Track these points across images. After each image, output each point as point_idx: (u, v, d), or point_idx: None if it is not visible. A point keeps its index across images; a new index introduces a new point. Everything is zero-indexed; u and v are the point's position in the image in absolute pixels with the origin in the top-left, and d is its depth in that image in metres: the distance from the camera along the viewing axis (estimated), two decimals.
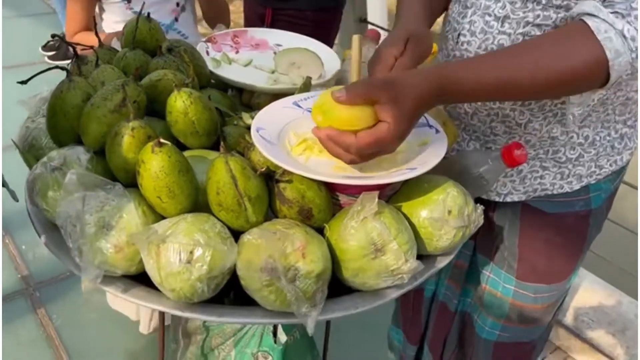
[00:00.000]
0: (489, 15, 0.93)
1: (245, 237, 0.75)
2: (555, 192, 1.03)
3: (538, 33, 0.89)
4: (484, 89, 0.78)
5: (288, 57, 1.24)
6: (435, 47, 0.95)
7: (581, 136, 0.98)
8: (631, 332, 2.06)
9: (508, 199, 1.06)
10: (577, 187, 1.03)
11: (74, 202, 0.78)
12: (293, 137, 0.91)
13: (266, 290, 0.73)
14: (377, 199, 0.77)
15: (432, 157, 0.83)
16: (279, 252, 0.72)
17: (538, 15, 0.89)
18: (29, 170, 0.97)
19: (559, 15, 0.87)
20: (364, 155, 0.77)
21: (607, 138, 1.00)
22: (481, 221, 0.89)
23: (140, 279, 0.80)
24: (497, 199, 1.06)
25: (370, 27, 2.63)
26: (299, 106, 0.97)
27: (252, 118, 1.05)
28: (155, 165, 0.75)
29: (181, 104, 0.85)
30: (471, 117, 1.02)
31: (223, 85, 1.17)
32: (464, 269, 1.22)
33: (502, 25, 0.92)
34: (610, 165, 1.03)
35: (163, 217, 0.80)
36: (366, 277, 0.79)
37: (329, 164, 0.85)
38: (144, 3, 1.22)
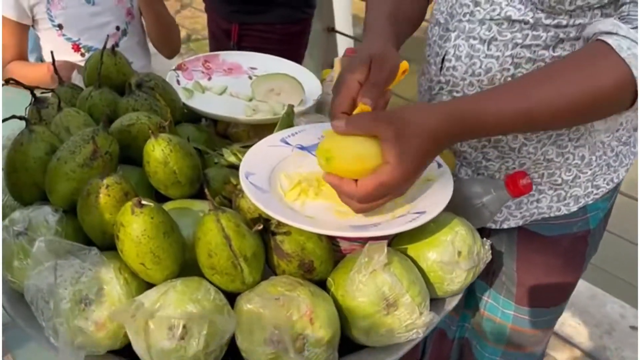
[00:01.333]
0: (474, 38, 0.88)
1: (245, 306, 0.67)
2: (552, 214, 0.99)
3: (528, 55, 0.84)
4: (507, 122, 0.72)
5: (266, 83, 1.17)
6: (406, 64, 0.88)
7: (577, 157, 0.94)
8: (617, 332, 2.06)
9: (505, 226, 1.02)
10: (574, 208, 0.99)
11: (45, 273, 0.69)
12: (284, 179, 0.83)
13: None
14: (386, 250, 0.70)
15: (439, 196, 0.77)
16: (285, 321, 0.65)
17: (527, 35, 0.84)
18: None
19: (549, 34, 0.83)
20: (369, 201, 0.71)
21: (604, 157, 0.96)
22: (489, 257, 0.84)
23: (124, 352, 0.72)
24: (492, 226, 1.02)
25: (340, 40, 2.57)
26: (288, 143, 0.89)
27: (234, 154, 0.98)
28: (136, 229, 0.67)
29: (160, 153, 0.76)
30: (461, 144, 0.97)
31: (196, 115, 1.09)
32: (462, 294, 1.17)
33: (488, 49, 0.87)
34: (607, 184, 0.99)
35: (148, 284, 0.72)
36: (378, 335, 0.72)
37: (328, 208, 0.78)
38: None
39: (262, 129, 1.09)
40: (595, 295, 2.20)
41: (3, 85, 0.83)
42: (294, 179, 0.83)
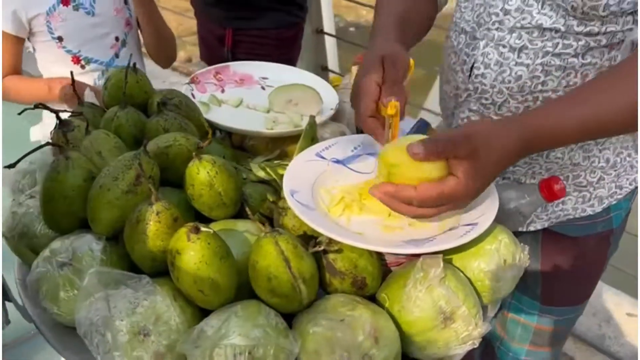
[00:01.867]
0: (504, 46, 0.89)
1: (310, 329, 0.66)
2: (577, 215, 1.01)
3: (559, 63, 0.86)
4: (569, 136, 0.73)
5: (284, 94, 1.15)
6: (412, 62, 0.89)
7: (602, 159, 0.96)
8: (615, 320, 2.11)
9: (531, 228, 1.03)
10: (599, 209, 1.01)
11: (97, 305, 0.67)
12: (325, 194, 0.83)
13: None
14: (442, 264, 0.71)
15: (486, 206, 0.77)
16: (352, 342, 0.64)
17: (557, 44, 0.85)
18: (18, 261, 0.84)
19: (580, 42, 0.84)
20: (427, 206, 0.70)
21: (627, 159, 0.98)
22: (527, 262, 0.85)
23: None
24: (519, 229, 1.03)
25: (328, 41, 2.56)
26: (323, 157, 0.89)
27: (262, 169, 0.97)
28: (194, 256, 0.65)
29: (205, 176, 0.75)
30: None
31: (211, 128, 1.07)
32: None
33: (519, 57, 0.88)
34: (630, 184, 1.01)
35: (202, 310, 0.70)
36: (435, 349, 0.72)
37: (375, 222, 0.78)
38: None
39: (281, 141, 1.08)
40: None
41: (33, 108, 0.80)
42: (335, 194, 0.82)
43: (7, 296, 0.78)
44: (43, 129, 1.57)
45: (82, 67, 1.46)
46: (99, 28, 1.43)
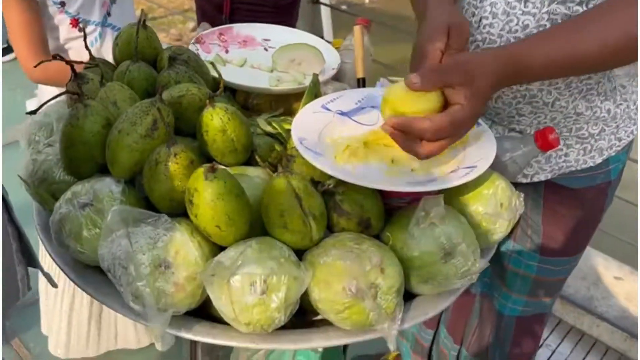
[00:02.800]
0: None
1: (321, 259, 0.71)
2: (579, 167, 1.06)
3: (564, 11, 0.89)
4: (554, 66, 0.78)
5: (288, 54, 1.19)
6: None
7: (604, 110, 1.01)
8: (603, 283, 2.19)
9: (535, 179, 1.08)
10: (599, 160, 1.06)
11: (119, 241, 0.71)
12: (330, 143, 0.87)
13: (347, 311, 0.70)
14: (443, 203, 0.75)
15: (484, 151, 0.82)
16: (360, 271, 0.69)
17: None
18: (36, 206, 0.88)
19: None
20: (440, 138, 0.73)
21: (626, 110, 1.03)
22: (522, 209, 0.89)
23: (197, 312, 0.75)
24: (523, 180, 1.08)
25: (324, 11, 2.58)
26: (328, 109, 0.92)
27: (269, 124, 1.00)
28: (211, 193, 0.69)
29: (219, 122, 0.79)
30: (495, 101, 1.02)
31: None
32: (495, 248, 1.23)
33: (525, 6, 0.91)
34: (628, 136, 1.06)
35: (218, 246, 0.75)
36: (435, 283, 0.77)
37: (379, 168, 0.83)
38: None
39: (284, 99, 1.12)
40: None
41: (50, 61, 0.83)
42: (341, 143, 0.86)
43: (33, 262, 0.82)
44: (40, 99, 1.59)
45: (80, 30, 1.47)
46: None
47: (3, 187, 0.73)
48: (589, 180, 1.07)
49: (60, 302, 1.63)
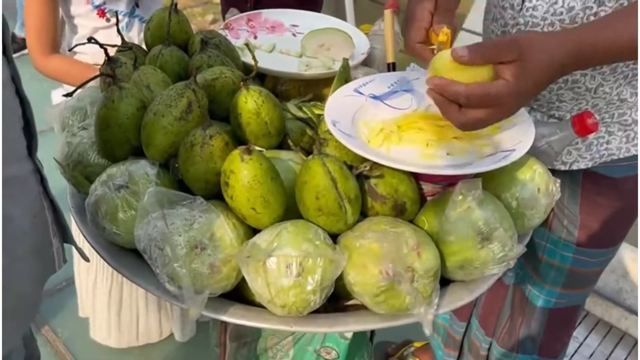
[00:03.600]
0: None
1: (357, 242, 0.70)
2: (621, 156, 1.03)
3: None
4: (618, 51, 0.74)
5: (317, 38, 1.18)
6: None
7: None
8: (631, 276, 2.15)
9: (574, 167, 1.05)
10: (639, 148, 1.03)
11: (154, 223, 0.71)
12: (363, 127, 0.86)
13: (383, 295, 0.69)
14: (480, 186, 0.74)
15: (522, 135, 0.80)
16: (397, 254, 0.68)
17: None
18: (70, 188, 0.88)
19: None
20: (473, 106, 0.70)
21: None
22: (559, 195, 0.87)
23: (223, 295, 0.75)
24: (562, 168, 1.05)
25: None
26: (361, 93, 0.91)
27: (299, 109, 1.00)
28: (247, 175, 0.69)
29: (253, 105, 0.78)
30: None
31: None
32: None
33: None
34: None
35: (253, 229, 0.75)
36: (472, 268, 0.76)
37: (414, 151, 0.81)
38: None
39: (314, 85, 1.11)
40: None
41: (85, 44, 0.83)
42: (374, 127, 0.85)
43: (67, 238, 0.83)
44: (65, 90, 1.61)
45: (107, 20, 1.48)
46: None
47: (39, 160, 0.74)
48: (629, 170, 1.04)
49: (85, 291, 1.67)
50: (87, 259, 0.85)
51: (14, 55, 0.69)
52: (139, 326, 1.74)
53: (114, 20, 1.49)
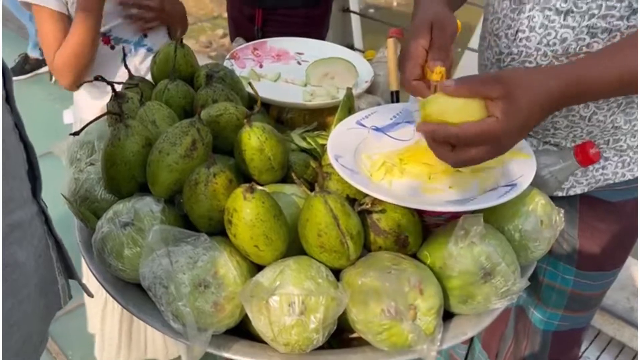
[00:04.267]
0: (549, 9, 0.91)
1: (359, 279, 0.71)
2: (617, 180, 1.03)
3: (604, 25, 0.87)
4: (607, 87, 0.75)
5: (321, 67, 1.19)
6: (459, 24, 0.91)
7: None
8: None
9: (571, 192, 1.06)
10: (638, 173, 1.03)
11: (159, 260, 0.73)
12: (366, 160, 0.87)
13: (386, 333, 0.70)
14: (482, 221, 0.74)
15: (524, 168, 0.80)
16: (399, 292, 0.69)
17: (601, 6, 0.87)
18: (78, 223, 0.90)
19: (623, 4, 0.86)
20: (468, 146, 0.71)
21: None
22: (562, 225, 0.87)
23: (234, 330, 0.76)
24: (559, 194, 1.06)
25: (354, 19, 2.58)
26: (363, 125, 0.92)
27: (303, 139, 1.01)
28: (250, 213, 0.70)
29: (256, 141, 0.79)
30: None
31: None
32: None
33: (564, 19, 0.90)
34: None
35: (256, 265, 0.75)
36: (475, 303, 0.76)
37: (416, 185, 0.82)
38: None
39: (318, 113, 1.12)
40: None
41: (92, 81, 0.85)
42: (377, 160, 0.86)
43: (71, 273, 0.85)
44: (75, 111, 1.63)
45: (112, 47, 1.50)
46: (130, 8, 1.47)
47: (43, 200, 0.76)
48: (626, 194, 1.04)
49: (95, 307, 1.68)
50: (90, 295, 0.86)
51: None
52: (147, 346, 1.74)
53: (118, 48, 1.51)
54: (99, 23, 1.36)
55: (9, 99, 0.66)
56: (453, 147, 0.72)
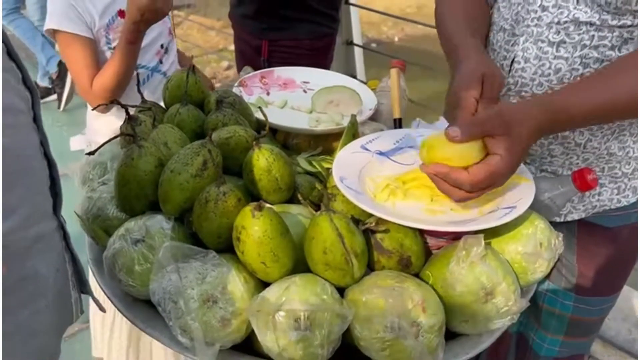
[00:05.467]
0: (542, 41, 0.95)
1: (363, 296, 0.73)
2: (612, 206, 1.06)
3: (596, 55, 0.91)
4: (590, 116, 0.81)
5: (326, 96, 1.23)
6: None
7: (637, 150, 1.01)
8: None
9: (569, 218, 1.08)
10: (633, 199, 1.06)
11: (169, 276, 0.75)
12: (370, 183, 0.90)
13: (389, 349, 0.71)
14: (483, 242, 0.76)
15: (523, 192, 0.83)
16: (402, 309, 0.70)
17: (593, 37, 0.91)
18: (89, 240, 0.92)
19: (614, 34, 0.89)
20: (478, 189, 0.77)
21: None
22: (562, 249, 0.90)
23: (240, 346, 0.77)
24: (557, 219, 1.08)
25: (357, 52, 2.65)
26: (367, 149, 0.96)
27: (309, 163, 1.04)
28: (258, 231, 0.73)
29: (264, 162, 0.83)
30: None
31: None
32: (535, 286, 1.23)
33: (557, 51, 0.94)
34: None
35: (263, 282, 0.77)
36: (476, 322, 0.78)
37: (418, 207, 0.85)
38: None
39: (323, 139, 1.16)
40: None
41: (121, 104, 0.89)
42: (380, 182, 0.89)
43: (85, 288, 0.87)
44: (83, 138, 1.67)
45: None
46: (148, 36, 1.53)
47: (62, 217, 0.79)
48: (623, 219, 1.07)
49: (100, 329, 1.68)
50: (103, 310, 0.88)
51: None
52: None
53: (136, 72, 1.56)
54: (138, 53, 1.42)
55: (36, 119, 0.69)
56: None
